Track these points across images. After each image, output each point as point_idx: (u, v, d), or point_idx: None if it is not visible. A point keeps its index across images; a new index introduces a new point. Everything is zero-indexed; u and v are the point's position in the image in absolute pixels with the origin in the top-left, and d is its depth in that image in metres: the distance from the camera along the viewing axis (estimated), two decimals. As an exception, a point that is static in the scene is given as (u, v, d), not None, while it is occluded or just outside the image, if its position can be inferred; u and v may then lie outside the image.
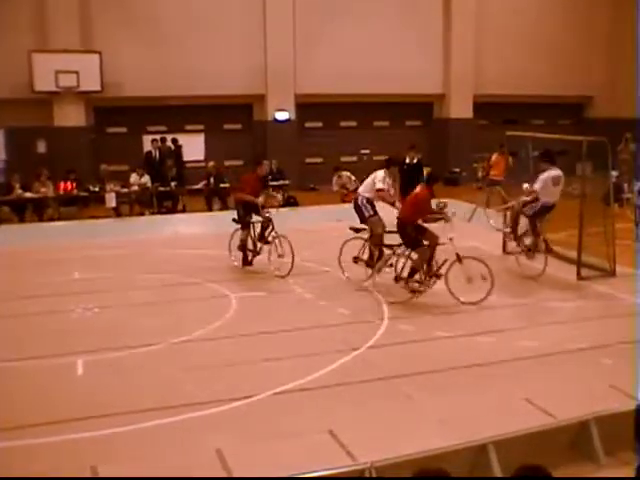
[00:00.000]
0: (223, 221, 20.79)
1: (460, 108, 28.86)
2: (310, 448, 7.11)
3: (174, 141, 25.02)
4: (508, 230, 14.97)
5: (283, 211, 22.56)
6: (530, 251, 14.11)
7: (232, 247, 15.26)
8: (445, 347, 10.34)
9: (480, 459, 6.38)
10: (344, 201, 23.05)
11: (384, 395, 8.57)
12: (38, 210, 22.66)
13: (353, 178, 23.56)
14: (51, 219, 22.40)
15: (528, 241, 14.25)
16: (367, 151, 28.01)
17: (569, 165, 22.32)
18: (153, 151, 24.42)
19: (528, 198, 14.05)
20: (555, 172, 13.91)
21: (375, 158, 27.66)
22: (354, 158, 28.07)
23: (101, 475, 6.79)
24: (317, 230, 18.73)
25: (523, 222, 14.41)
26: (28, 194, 22.42)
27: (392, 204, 13.96)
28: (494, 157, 23.45)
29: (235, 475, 6.62)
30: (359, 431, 7.44)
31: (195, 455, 7.19)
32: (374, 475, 6.01)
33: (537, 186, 13.92)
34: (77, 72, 24.27)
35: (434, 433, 7.22)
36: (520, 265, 14.33)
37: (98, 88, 24.67)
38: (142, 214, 23.03)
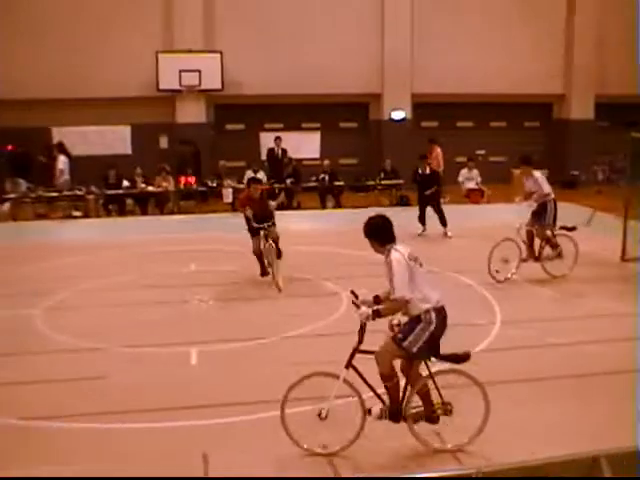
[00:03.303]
0: (337, 219, 20.94)
1: (581, 109, 27.94)
2: (419, 450, 7.04)
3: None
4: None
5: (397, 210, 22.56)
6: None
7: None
8: (555, 354, 9.96)
9: (591, 472, 6.12)
10: (471, 199, 22.79)
11: (493, 400, 8.35)
12: (159, 203, 23.25)
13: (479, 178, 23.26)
14: (171, 212, 22.95)
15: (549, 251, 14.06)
16: (483, 152, 27.57)
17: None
18: (275, 148, 24.68)
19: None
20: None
21: (491, 159, 27.27)
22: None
23: (211, 462, 6.88)
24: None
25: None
26: (150, 188, 23.04)
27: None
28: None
29: (340, 470, 6.60)
30: (466, 435, 7.31)
31: (297, 447, 7.21)
32: (481, 480, 5.86)
33: (547, 188, 13.95)
34: (199, 71, 24.84)
35: (542, 442, 7.02)
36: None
37: (219, 86, 25.14)
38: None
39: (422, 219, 18.85)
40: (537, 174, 14.17)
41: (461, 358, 7.15)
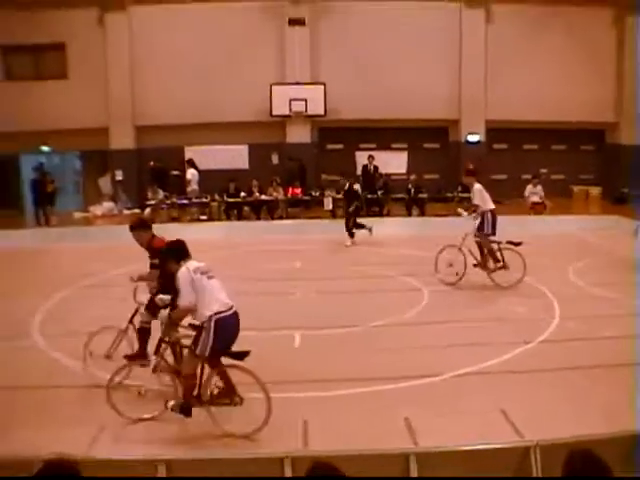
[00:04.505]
0: (420, 225, 20.91)
1: (630, 135, 26.74)
2: (483, 424, 7.02)
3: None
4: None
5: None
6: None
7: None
8: (610, 346, 9.64)
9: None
10: (535, 211, 22.37)
11: (552, 384, 8.26)
12: (271, 210, 23.64)
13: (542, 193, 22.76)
14: (280, 217, 23.29)
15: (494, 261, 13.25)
16: (545, 170, 26.91)
17: None
18: (368, 165, 24.82)
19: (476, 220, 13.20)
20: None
21: (552, 177, 26.70)
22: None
23: (310, 428, 7.01)
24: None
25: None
26: (263, 197, 23.45)
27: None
28: None
29: (419, 440, 6.64)
30: (528, 412, 7.27)
31: (385, 420, 7.27)
32: (539, 453, 5.82)
33: (477, 200, 13.24)
34: (306, 100, 25.09)
35: (598, 420, 6.89)
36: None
37: (322, 113, 25.36)
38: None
39: (349, 231, 18.29)
40: (476, 186, 13.34)
41: (241, 355, 7.00)
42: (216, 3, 25.02)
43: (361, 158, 25.96)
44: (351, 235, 18.26)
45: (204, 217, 23.37)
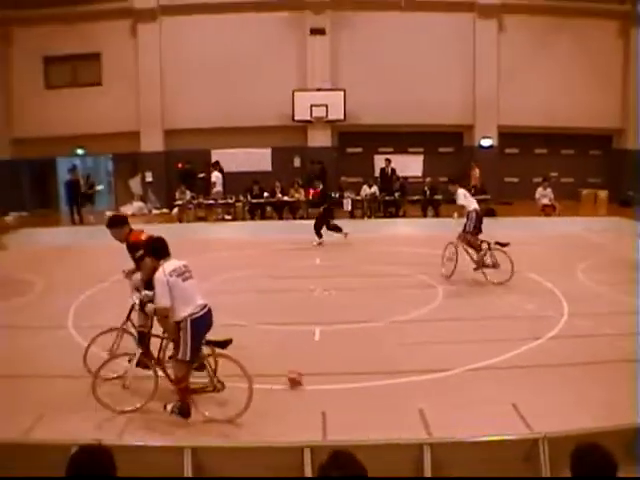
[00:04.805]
0: (435, 226, 20.84)
1: (636, 140, 26.50)
2: (494, 416, 7.01)
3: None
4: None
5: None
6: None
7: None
8: (616, 342, 9.51)
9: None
10: (546, 213, 22.23)
11: (561, 378, 8.22)
12: (292, 210, 23.67)
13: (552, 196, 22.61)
14: (301, 217, 23.30)
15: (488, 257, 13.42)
16: (555, 174, 26.70)
17: None
18: (386, 168, 24.80)
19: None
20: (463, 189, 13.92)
21: (562, 180, 26.52)
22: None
23: (328, 420, 7.03)
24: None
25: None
26: (285, 198, 23.48)
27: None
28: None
29: (433, 431, 6.65)
30: (537, 406, 7.24)
31: (400, 411, 7.28)
32: (547, 444, 5.81)
33: (461, 201, 13.72)
34: (326, 105, 25.10)
35: (604, 414, 6.86)
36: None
37: (341, 117, 25.36)
38: (369, 217, 23.44)
39: (317, 231, 18.23)
40: (460, 190, 13.81)
41: (223, 344, 7.01)
42: (241, 14, 25.14)
43: (379, 161, 25.94)
44: (319, 235, 18.20)
45: (229, 217, 23.47)
